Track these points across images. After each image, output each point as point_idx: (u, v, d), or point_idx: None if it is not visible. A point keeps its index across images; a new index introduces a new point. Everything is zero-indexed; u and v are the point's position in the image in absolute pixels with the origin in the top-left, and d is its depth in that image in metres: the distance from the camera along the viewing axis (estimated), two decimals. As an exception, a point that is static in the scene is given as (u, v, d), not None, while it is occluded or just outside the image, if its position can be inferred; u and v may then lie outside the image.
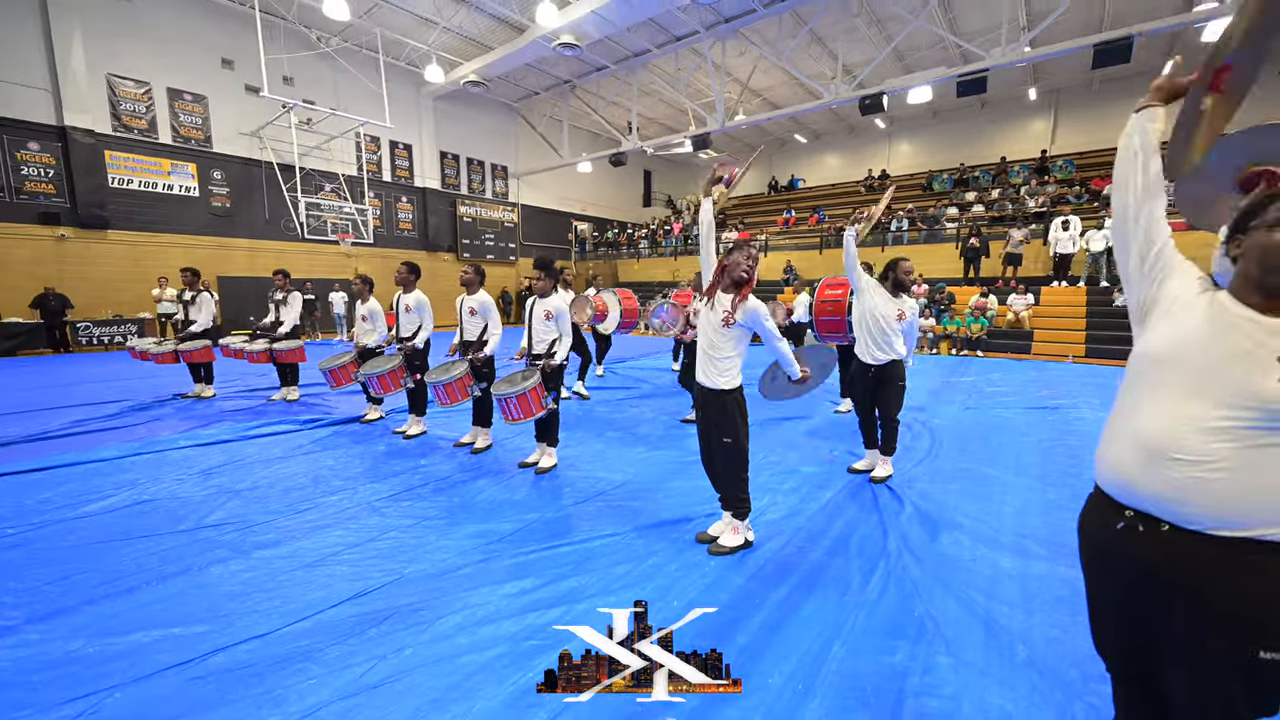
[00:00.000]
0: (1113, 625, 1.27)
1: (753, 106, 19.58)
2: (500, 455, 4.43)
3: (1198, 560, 1.07)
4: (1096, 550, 1.29)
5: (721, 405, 2.71)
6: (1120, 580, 1.21)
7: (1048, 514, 3.32)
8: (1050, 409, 6.23)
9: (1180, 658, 1.12)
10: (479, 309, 4.35)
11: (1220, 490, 1.03)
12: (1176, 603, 1.10)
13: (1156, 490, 1.10)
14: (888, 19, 14.39)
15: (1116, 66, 11.09)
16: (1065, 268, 13.09)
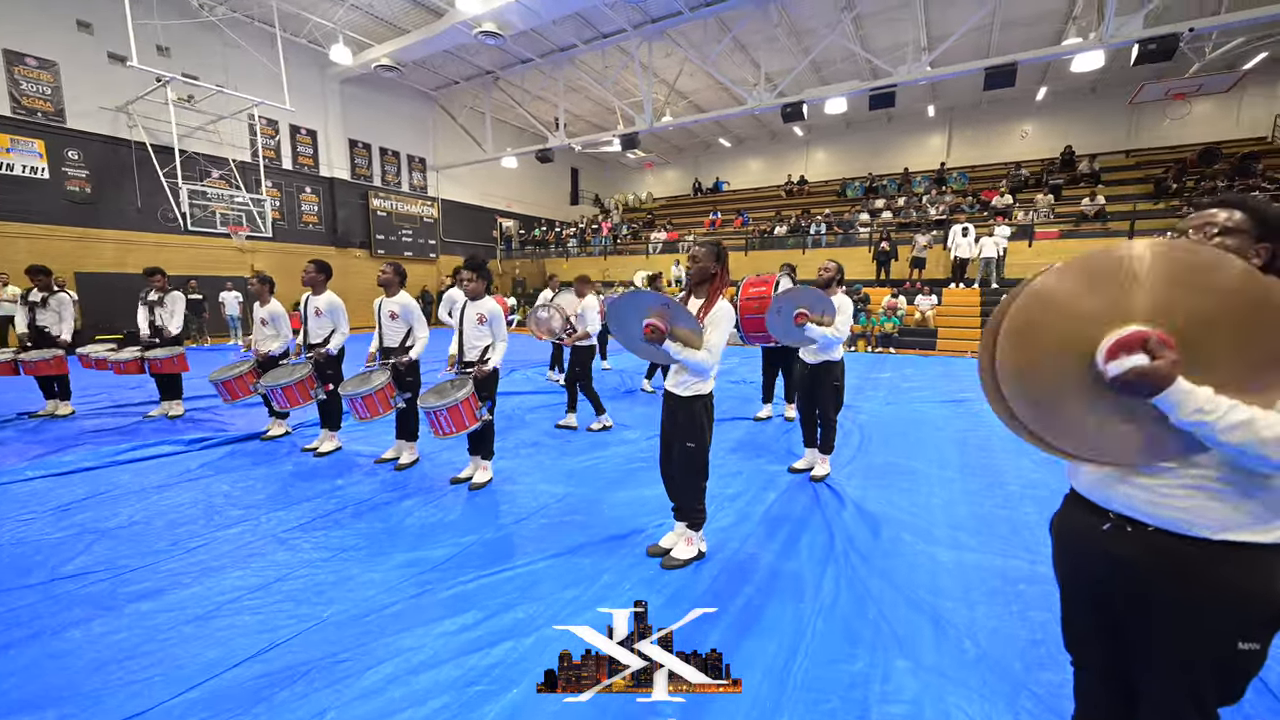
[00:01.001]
0: (1089, 622, 1.31)
1: (679, 108, 19.82)
2: (428, 471, 4.08)
3: (1182, 558, 1.11)
4: (1077, 550, 1.32)
5: (690, 412, 2.61)
6: (1101, 578, 1.24)
7: (971, 505, 3.52)
8: (959, 402, 6.73)
9: (1156, 650, 1.16)
10: (401, 312, 3.98)
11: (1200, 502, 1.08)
12: (1158, 598, 1.14)
13: (1142, 498, 1.14)
14: (805, 31, 15.06)
15: (1002, 89, 12.25)
16: (962, 271, 14.34)
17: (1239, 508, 1.05)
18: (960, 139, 21.24)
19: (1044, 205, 15.41)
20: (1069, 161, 17.67)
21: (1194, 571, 1.09)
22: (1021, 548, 2.93)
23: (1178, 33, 9.54)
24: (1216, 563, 1.07)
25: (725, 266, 2.64)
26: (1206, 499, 1.08)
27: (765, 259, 17.76)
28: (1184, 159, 16.20)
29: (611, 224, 21.96)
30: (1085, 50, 10.59)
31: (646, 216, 24.02)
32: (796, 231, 18.45)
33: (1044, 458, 4.41)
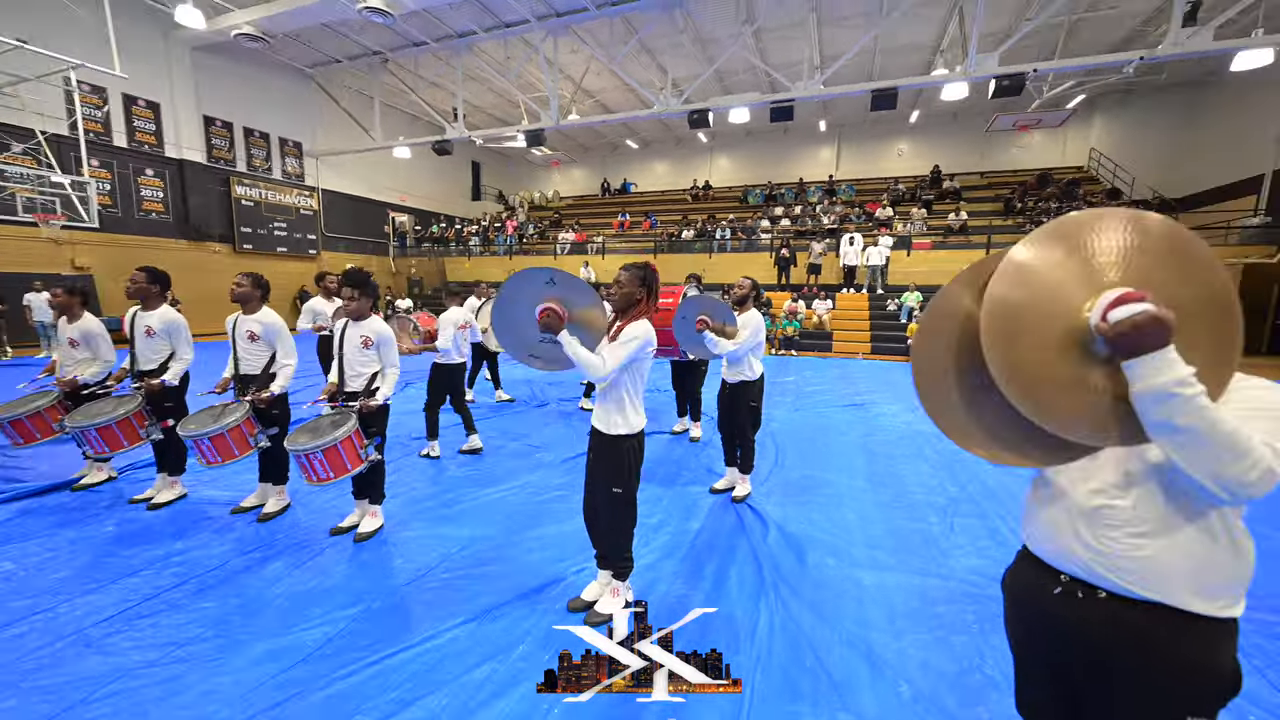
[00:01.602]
0: (1046, 692, 1.25)
1: (586, 107, 19.47)
2: (302, 520, 3.45)
3: (1134, 627, 1.06)
4: (1030, 615, 1.26)
5: (616, 453, 2.35)
6: (1055, 645, 1.19)
7: (884, 519, 3.61)
8: (858, 405, 7.11)
9: (1100, 708, 1.13)
10: (262, 333, 3.33)
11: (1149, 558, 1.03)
12: (1113, 667, 1.10)
13: (1091, 558, 1.09)
14: (709, 40, 15.36)
15: (884, 110, 13.28)
16: (852, 277, 15.45)
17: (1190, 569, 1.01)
18: (848, 153, 22.95)
19: (918, 218, 17.03)
20: (937, 179, 19.71)
21: (1153, 640, 1.05)
22: (933, 563, 3.01)
23: (1024, 72, 10.87)
24: (1175, 631, 1.03)
25: (653, 292, 2.41)
26: (1176, 554, 1.02)
27: (674, 262, 17.96)
28: (1025, 182, 18.69)
29: (517, 223, 21.11)
30: (953, 81, 11.76)
31: (553, 216, 23.41)
32: (703, 236, 18.88)
33: (940, 462, 4.70)
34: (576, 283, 2.21)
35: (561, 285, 2.18)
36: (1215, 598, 1.01)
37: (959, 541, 3.27)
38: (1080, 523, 1.10)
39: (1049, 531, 1.17)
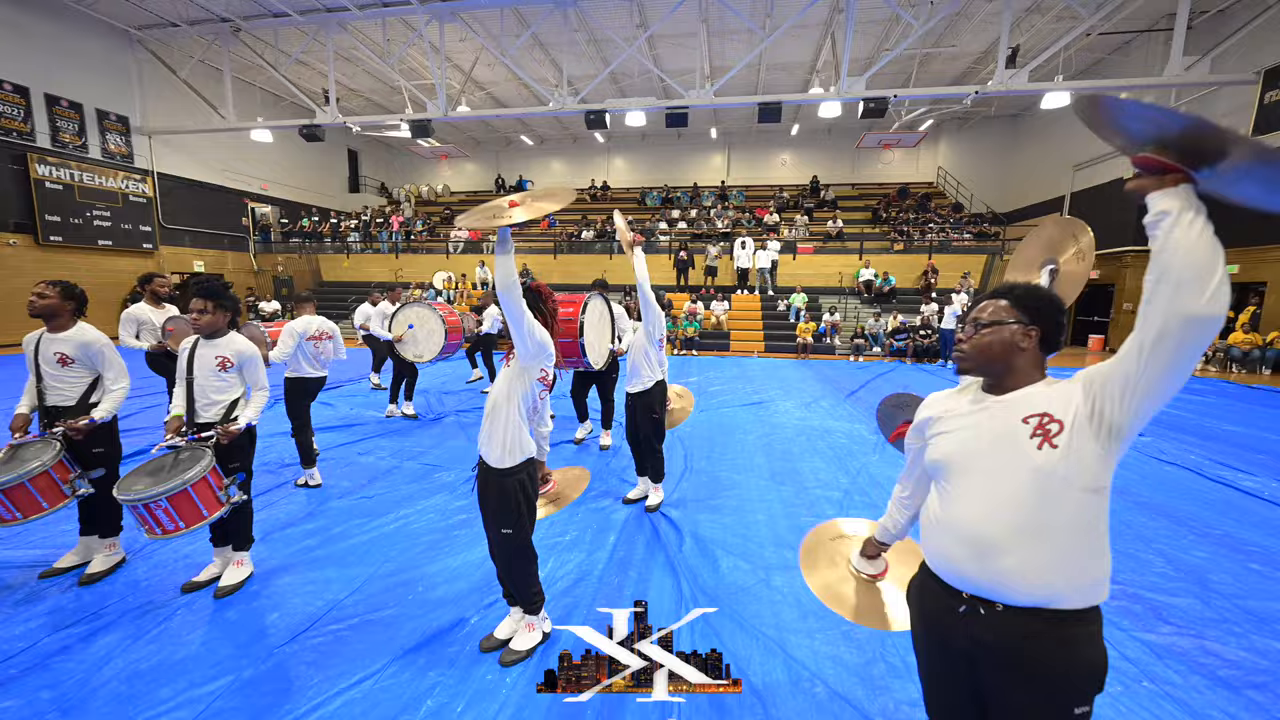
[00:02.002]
0: (952, 696, 1.33)
1: (477, 100, 18.61)
2: (143, 578, 2.87)
3: (1028, 634, 1.15)
4: (936, 632, 1.33)
5: (501, 489, 2.17)
6: (962, 659, 1.26)
7: (789, 516, 3.79)
8: (757, 404, 7.47)
9: (1004, 708, 1.21)
10: (79, 356, 2.73)
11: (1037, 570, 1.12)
12: (1013, 673, 1.18)
13: (988, 578, 1.17)
14: (604, 41, 15.35)
15: (771, 123, 14.14)
16: (745, 279, 16.29)
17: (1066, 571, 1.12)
18: (737, 160, 24.17)
19: (801, 225, 18.38)
20: (815, 189, 21.41)
21: (1042, 645, 1.14)
22: (836, 557, 3.20)
23: (887, 97, 12.12)
24: (1059, 633, 1.14)
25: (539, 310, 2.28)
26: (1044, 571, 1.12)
27: (575, 263, 17.79)
28: (889, 194, 20.92)
29: (403, 218, 19.64)
30: (828, 100, 12.80)
31: (444, 212, 22.12)
32: (603, 237, 18.86)
33: (832, 456, 5.05)
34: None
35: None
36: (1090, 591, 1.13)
37: (854, 533, 3.52)
38: (976, 552, 1.18)
39: (946, 555, 1.25)
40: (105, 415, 2.73)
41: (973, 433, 1.24)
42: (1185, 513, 3.88)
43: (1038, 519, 1.12)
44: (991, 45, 14.86)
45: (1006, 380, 1.24)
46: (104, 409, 2.74)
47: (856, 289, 15.51)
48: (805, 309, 14.31)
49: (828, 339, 13.30)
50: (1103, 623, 1.17)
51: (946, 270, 15.21)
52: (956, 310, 11.91)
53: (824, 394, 8.26)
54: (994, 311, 1.24)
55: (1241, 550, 3.34)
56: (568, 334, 4.73)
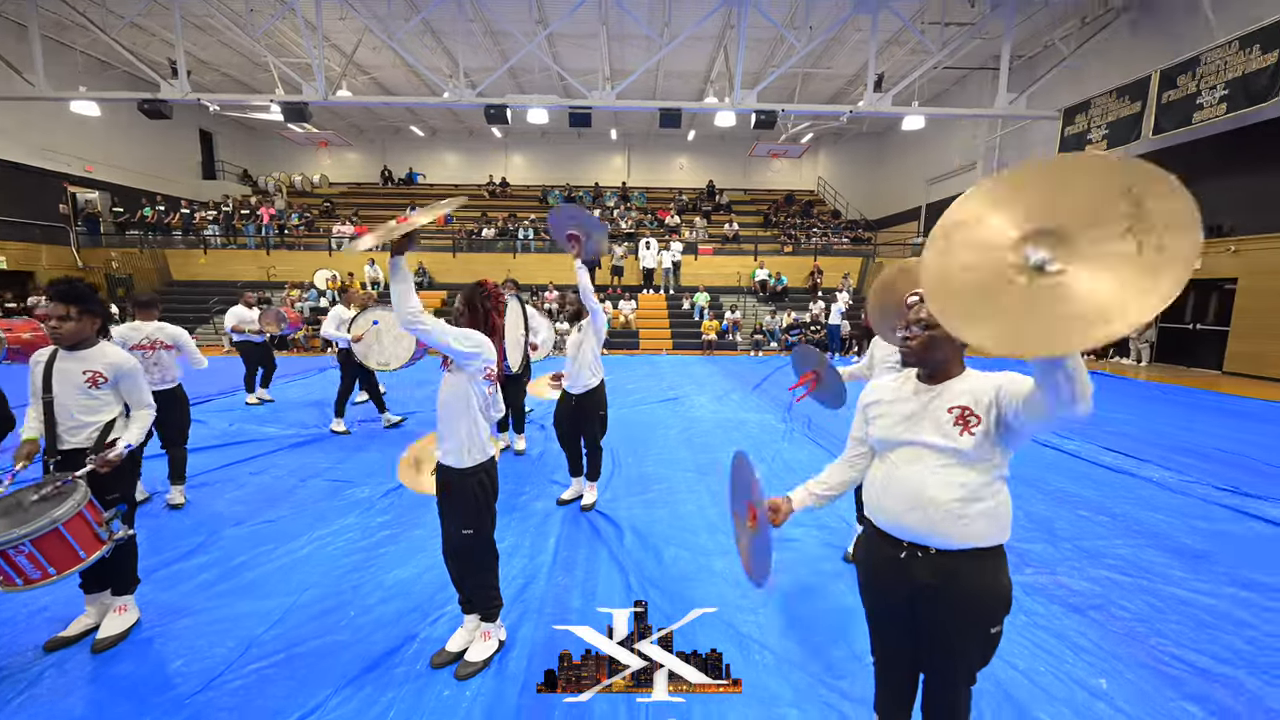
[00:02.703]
0: (896, 631, 1.58)
1: (360, 85, 17.20)
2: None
3: (951, 570, 1.42)
4: (883, 581, 1.56)
5: (462, 489, 2.12)
6: (904, 595, 1.50)
7: (717, 504, 4.01)
8: (673, 400, 7.74)
9: (941, 641, 1.48)
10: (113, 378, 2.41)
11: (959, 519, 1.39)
12: (941, 605, 1.44)
13: (924, 529, 1.42)
14: (502, 34, 14.93)
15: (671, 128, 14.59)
16: (650, 279, 16.70)
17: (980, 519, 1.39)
18: (637, 163, 24.64)
19: (701, 227, 19.20)
20: (712, 193, 22.47)
21: (966, 578, 1.42)
22: (765, 538, 3.45)
23: (776, 110, 13.06)
24: (977, 568, 1.42)
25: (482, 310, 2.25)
26: (965, 520, 1.39)
27: (476, 262, 17.11)
28: (777, 200, 22.51)
29: (275, 210, 17.62)
30: (723, 110, 13.51)
31: (324, 204, 20.18)
32: (505, 235, 18.34)
33: (746, 445, 5.39)
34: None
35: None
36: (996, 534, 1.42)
37: (778, 514, 3.81)
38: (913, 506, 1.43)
39: (895, 514, 1.48)
40: (137, 439, 2.38)
41: (912, 416, 1.48)
42: (1029, 474, 4.66)
43: (961, 484, 1.39)
44: (860, 70, 16.55)
45: (939, 372, 1.48)
46: (135, 433, 2.38)
47: (753, 288, 16.54)
48: (708, 307, 15.00)
49: (730, 336, 14.06)
50: (1006, 559, 1.44)
51: (830, 271, 16.73)
52: (841, 308, 13.17)
53: (733, 388, 8.76)
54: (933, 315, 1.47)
55: (1071, 501, 4.10)
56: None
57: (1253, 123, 9.36)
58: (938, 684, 1.56)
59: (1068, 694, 2.11)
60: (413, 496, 4.06)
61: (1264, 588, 2.90)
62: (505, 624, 2.45)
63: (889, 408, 1.54)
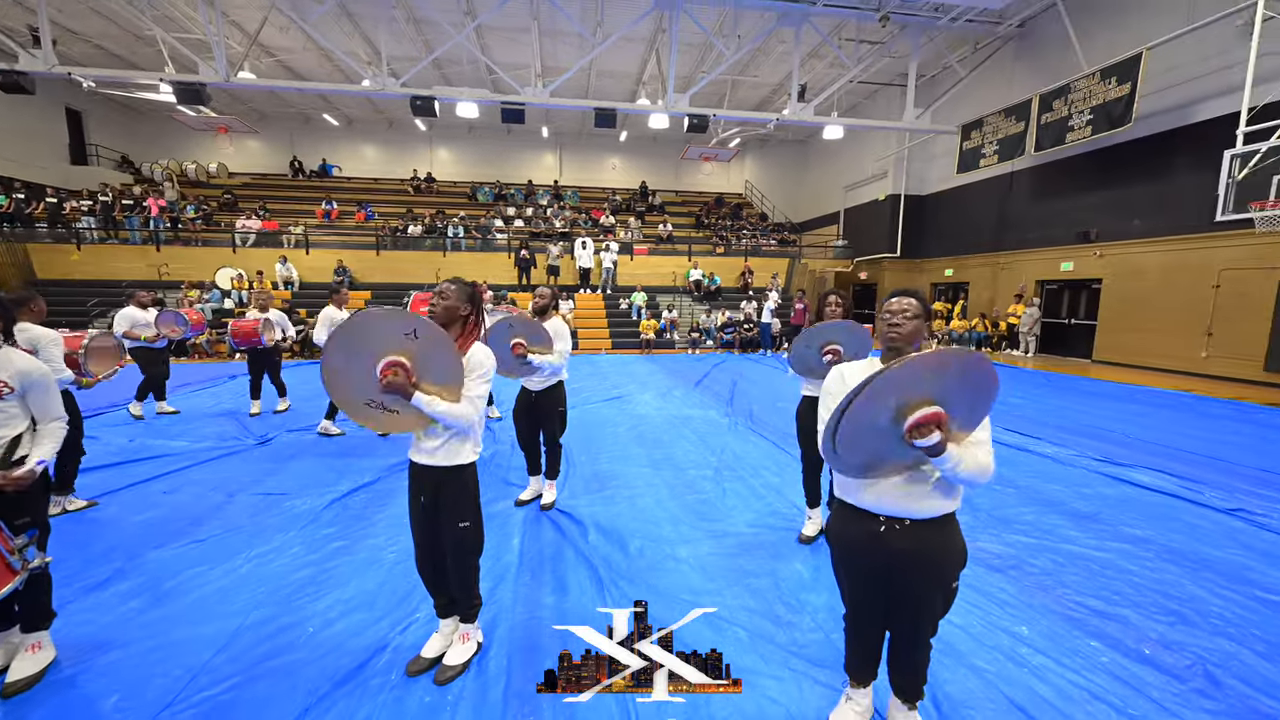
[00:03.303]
0: (874, 597, 1.77)
1: (264, 68, 15.86)
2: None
3: (923, 537, 1.64)
4: (861, 551, 1.75)
5: (461, 485, 2.12)
6: (881, 564, 1.70)
7: (674, 497, 4.13)
8: (618, 398, 7.81)
9: (909, 596, 1.70)
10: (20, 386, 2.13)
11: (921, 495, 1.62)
12: (917, 567, 1.66)
13: (898, 504, 1.64)
14: (426, 23, 14.32)
15: (606, 128, 14.64)
16: (587, 279, 16.65)
17: (946, 495, 1.63)
18: (569, 161, 24.43)
19: (635, 227, 19.39)
20: (645, 194, 22.74)
21: (934, 542, 1.65)
22: (720, 525, 3.61)
23: (708, 114, 13.47)
24: (943, 533, 1.66)
25: (479, 310, 2.24)
26: (934, 496, 1.63)
27: (403, 261, 16.30)
28: (708, 202, 23.16)
29: (166, 201, 15.85)
30: (658, 112, 13.74)
31: (224, 196, 18.41)
32: (433, 232, 17.61)
33: (696, 439, 5.58)
34: (436, 337, 1.89)
35: (423, 335, 1.84)
36: (952, 502, 1.65)
37: (731, 503, 3.99)
38: (895, 490, 1.64)
39: (876, 493, 1.68)
40: (50, 456, 2.10)
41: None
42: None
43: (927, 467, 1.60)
44: (784, 79, 17.44)
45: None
46: (47, 449, 2.12)
47: (688, 288, 16.94)
48: (645, 307, 15.20)
49: (668, 335, 14.33)
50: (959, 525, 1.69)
51: (760, 271, 17.46)
52: (771, 306, 13.81)
53: (675, 385, 8.96)
54: (911, 308, 1.65)
55: (985, 476, 4.59)
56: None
57: (1114, 144, 10.83)
58: (908, 636, 1.76)
59: (997, 641, 2.40)
60: (360, 505, 3.87)
61: (1137, 540, 3.41)
62: (479, 624, 2.42)
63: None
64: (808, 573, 3.00)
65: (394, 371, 1.84)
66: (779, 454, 5.17)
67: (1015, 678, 2.18)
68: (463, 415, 2.00)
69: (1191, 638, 2.43)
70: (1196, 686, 2.13)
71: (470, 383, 2.05)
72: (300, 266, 15.17)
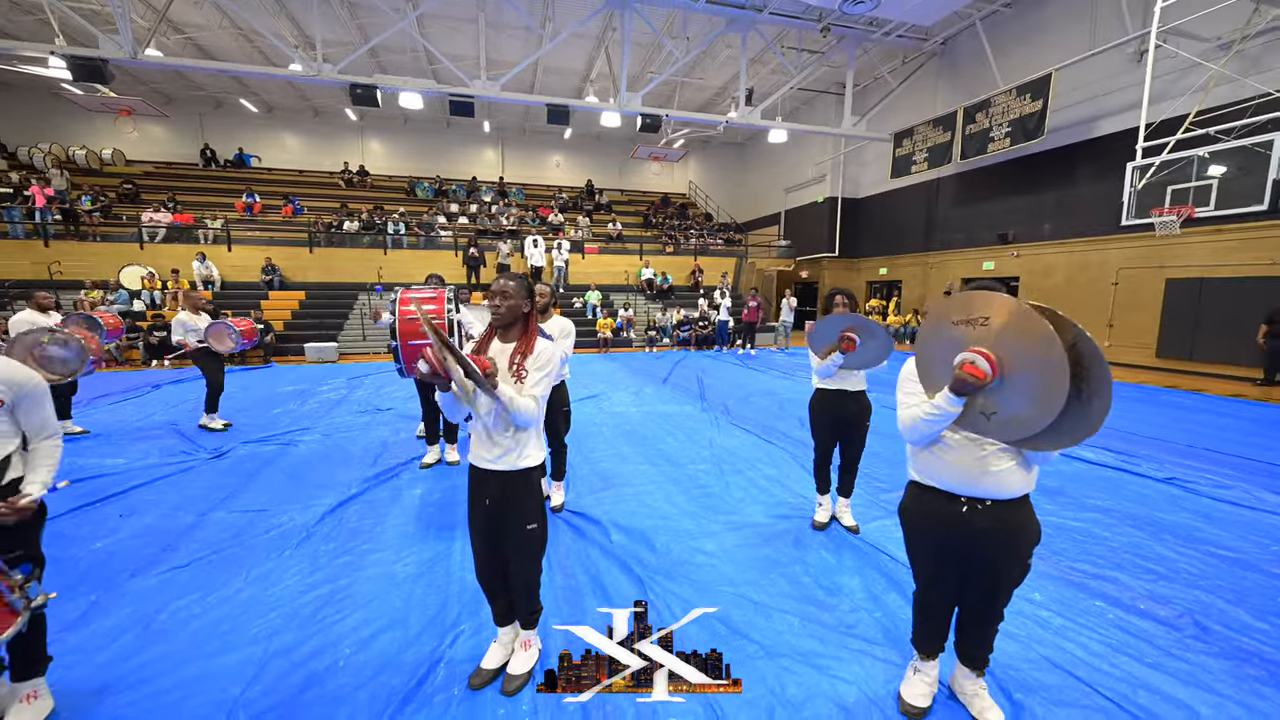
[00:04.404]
0: (949, 570, 1.89)
1: (172, 45, 14.37)
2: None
3: (1003, 517, 1.76)
4: (943, 529, 1.85)
5: (529, 487, 2.06)
6: (961, 541, 1.81)
7: (682, 493, 4.15)
8: (592, 398, 7.74)
9: (990, 571, 1.81)
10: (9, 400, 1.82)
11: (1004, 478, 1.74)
12: (999, 544, 1.78)
13: (984, 486, 1.75)
14: (361, 6, 13.53)
15: (559, 124, 14.41)
16: (539, 277, 16.34)
17: (1024, 477, 1.75)
18: (511, 158, 23.86)
19: (585, 226, 19.24)
20: (591, 192, 22.61)
21: (1014, 521, 1.78)
22: (736, 517, 3.68)
23: (660, 114, 13.60)
24: (1021, 512, 1.79)
25: (535, 305, 2.17)
26: (1014, 478, 1.74)
27: (338, 259, 15.31)
28: (654, 202, 23.36)
29: (54, 191, 13.99)
30: (610, 110, 13.71)
31: (123, 186, 16.50)
32: (371, 229, 16.65)
33: (683, 435, 5.65)
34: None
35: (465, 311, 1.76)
36: (1029, 484, 1.77)
37: (738, 496, 4.08)
38: (977, 466, 1.74)
39: (958, 472, 1.78)
40: (49, 484, 1.81)
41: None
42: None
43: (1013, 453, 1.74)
44: (727, 83, 17.92)
45: None
46: (44, 475, 1.83)
47: (640, 287, 17.02)
48: (601, 305, 15.13)
49: (625, 333, 14.34)
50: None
51: (709, 270, 17.85)
52: (727, 304, 14.16)
53: (644, 383, 9.00)
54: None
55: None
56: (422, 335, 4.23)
57: (1029, 154, 11.97)
58: (986, 609, 1.88)
59: (1019, 608, 2.61)
60: (355, 519, 3.63)
61: (1102, 509, 3.82)
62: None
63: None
64: (832, 558, 3.12)
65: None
66: (768, 447, 5.33)
67: (1044, 639, 2.39)
68: (526, 410, 1.94)
69: (1173, 591, 2.76)
70: (1190, 634, 2.43)
71: (535, 375, 1.99)
72: (221, 265, 13.88)
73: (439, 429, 4.94)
